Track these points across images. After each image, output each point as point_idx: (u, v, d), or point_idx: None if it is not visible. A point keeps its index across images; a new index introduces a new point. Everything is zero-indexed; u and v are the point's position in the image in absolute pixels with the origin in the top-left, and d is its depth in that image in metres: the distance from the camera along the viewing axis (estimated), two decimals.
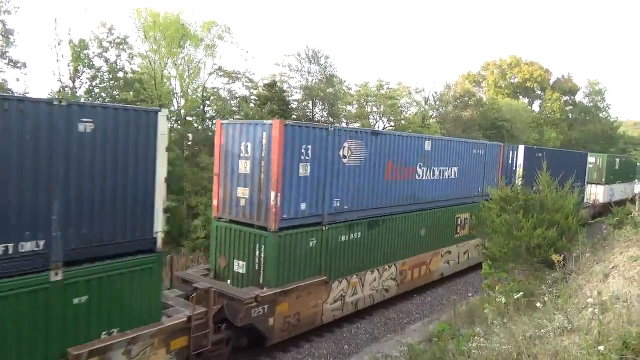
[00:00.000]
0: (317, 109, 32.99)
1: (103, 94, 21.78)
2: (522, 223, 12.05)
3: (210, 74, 26.84)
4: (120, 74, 22.59)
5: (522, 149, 21.10)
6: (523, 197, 13.07)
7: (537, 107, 59.84)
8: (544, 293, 8.58)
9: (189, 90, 25.59)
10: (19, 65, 19.21)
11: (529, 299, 9.42)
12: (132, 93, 21.22)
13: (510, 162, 20.90)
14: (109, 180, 7.89)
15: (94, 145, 7.64)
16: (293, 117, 28.58)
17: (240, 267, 11.73)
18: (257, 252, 11.36)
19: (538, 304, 7.95)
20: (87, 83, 21.55)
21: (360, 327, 13.68)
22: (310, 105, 32.67)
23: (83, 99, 20.24)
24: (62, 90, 20.12)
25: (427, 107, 40.26)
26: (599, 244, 13.06)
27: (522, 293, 9.39)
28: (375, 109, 36.47)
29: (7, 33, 18.81)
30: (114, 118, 7.89)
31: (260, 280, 11.29)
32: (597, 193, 31.97)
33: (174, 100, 25.35)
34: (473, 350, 7.29)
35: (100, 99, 21.28)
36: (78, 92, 20.90)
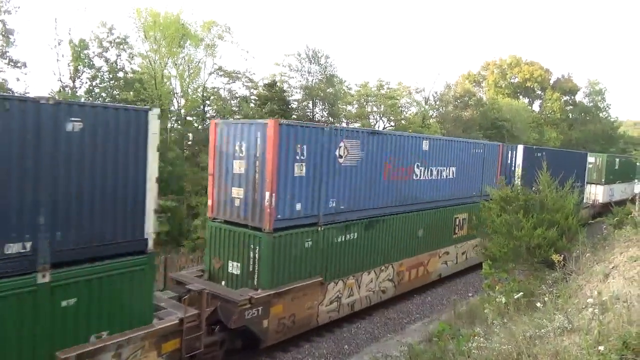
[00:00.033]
0: (317, 109, 33.00)
1: (103, 94, 21.82)
2: (522, 223, 12.05)
3: (211, 74, 26.93)
4: (121, 74, 22.62)
5: (521, 149, 21.04)
6: (523, 197, 13.08)
7: (537, 107, 59.92)
8: (544, 293, 8.59)
9: (189, 90, 25.64)
10: (19, 65, 19.25)
11: (529, 299, 9.43)
12: (132, 93, 21.23)
13: (509, 162, 20.82)
14: (98, 181, 7.74)
15: (83, 145, 7.47)
16: (293, 117, 28.58)
17: (235, 268, 11.58)
18: (251, 253, 11.21)
19: (538, 304, 7.96)
20: (87, 83, 21.63)
21: (360, 327, 13.68)
22: (311, 105, 32.68)
23: (83, 99, 20.25)
24: (62, 90, 20.13)
25: (427, 107, 40.26)
26: (599, 244, 13.07)
27: (522, 293, 9.39)
28: (376, 109, 36.48)
29: (7, 33, 18.83)
30: (104, 117, 7.73)
31: (255, 282, 11.16)
32: (596, 193, 31.91)
33: (174, 100, 25.40)
34: (473, 350, 7.29)
35: (101, 99, 21.30)
36: (78, 92, 20.93)
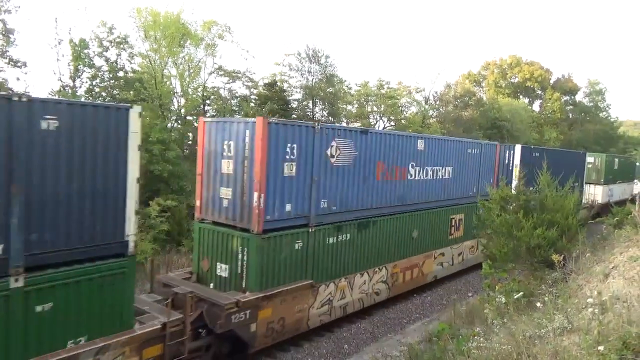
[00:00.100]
0: (317, 109, 32.98)
1: (103, 94, 21.79)
2: (522, 223, 12.06)
3: (211, 74, 26.88)
4: (121, 74, 22.58)
5: (518, 149, 20.90)
6: (523, 197, 13.09)
7: (537, 107, 59.87)
8: (544, 293, 8.60)
9: (190, 90, 25.61)
10: (20, 65, 19.21)
11: (529, 299, 9.45)
12: (132, 92, 21.21)
13: (507, 162, 20.70)
14: (76, 181, 7.45)
15: (59, 144, 7.18)
16: (293, 116, 28.58)
17: (223, 270, 11.32)
18: (240, 255, 10.95)
19: (538, 304, 7.98)
20: (87, 82, 21.54)
21: (360, 327, 13.68)
22: (311, 105, 32.66)
23: (83, 98, 20.24)
24: (62, 90, 20.12)
25: (427, 106, 40.25)
26: (599, 244, 13.10)
27: (522, 293, 9.41)
28: (376, 109, 36.45)
29: (7, 32, 18.82)
30: (81, 115, 7.46)
31: (243, 285, 10.90)
32: (595, 193, 31.80)
33: (174, 100, 25.38)
34: (473, 350, 7.31)
35: (101, 99, 21.28)
36: (78, 91, 20.91)
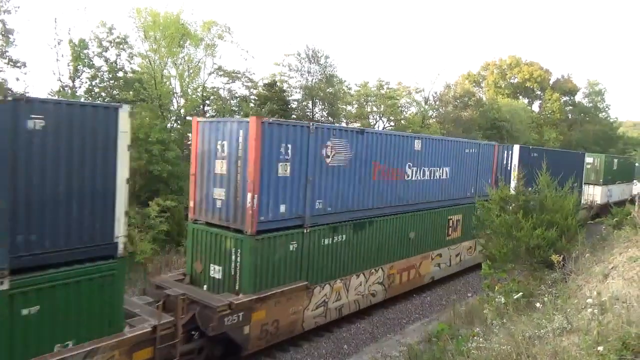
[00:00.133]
0: (317, 109, 32.99)
1: (103, 94, 21.79)
2: (521, 223, 12.07)
3: (210, 74, 26.87)
4: (120, 74, 22.58)
5: (517, 149, 20.77)
6: (523, 197, 13.09)
7: (537, 107, 59.90)
8: (544, 293, 8.59)
9: (189, 90, 25.59)
10: (19, 65, 19.19)
11: (529, 300, 9.46)
12: (132, 93, 21.22)
13: (505, 162, 20.64)
14: (63, 182, 7.31)
15: (45, 144, 7.06)
16: (293, 117, 28.58)
17: (217, 272, 11.20)
18: (233, 256, 10.83)
19: (537, 305, 7.98)
20: (87, 83, 21.54)
21: (360, 327, 13.68)
22: (310, 105, 32.67)
23: (83, 99, 20.24)
24: (62, 90, 20.12)
25: (427, 107, 40.26)
26: (599, 245, 13.11)
27: (521, 293, 9.41)
28: (375, 109, 36.47)
29: (7, 32, 18.80)
30: (68, 115, 7.34)
31: (237, 286, 10.77)
32: (594, 194, 31.69)
33: (174, 100, 25.36)
34: (472, 351, 7.31)
35: (100, 99, 21.28)
36: (78, 91, 20.91)
